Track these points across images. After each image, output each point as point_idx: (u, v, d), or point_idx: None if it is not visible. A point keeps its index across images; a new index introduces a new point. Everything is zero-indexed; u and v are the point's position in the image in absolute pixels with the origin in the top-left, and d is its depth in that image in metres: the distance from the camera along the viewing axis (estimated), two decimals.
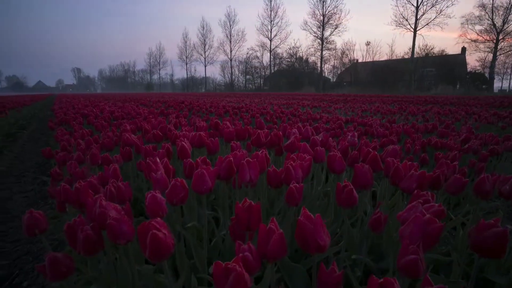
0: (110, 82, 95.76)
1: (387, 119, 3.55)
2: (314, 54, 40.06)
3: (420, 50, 32.08)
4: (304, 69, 41.35)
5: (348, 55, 38.57)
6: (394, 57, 36.57)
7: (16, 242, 1.78)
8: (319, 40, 38.27)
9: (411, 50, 31.64)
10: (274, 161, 1.40)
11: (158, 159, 0.90)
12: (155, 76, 76.25)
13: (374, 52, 38.60)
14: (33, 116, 8.14)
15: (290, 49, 42.31)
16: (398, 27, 31.51)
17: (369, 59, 38.76)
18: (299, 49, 43.07)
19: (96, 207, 0.62)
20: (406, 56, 33.30)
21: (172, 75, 76.60)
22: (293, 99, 11.62)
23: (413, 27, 30.62)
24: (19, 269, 1.42)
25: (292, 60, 42.00)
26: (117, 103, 5.51)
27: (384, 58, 38.30)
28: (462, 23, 34.36)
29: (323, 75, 40.78)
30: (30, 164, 3.53)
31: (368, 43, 38.53)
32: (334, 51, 39.45)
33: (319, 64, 39.50)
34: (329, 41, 38.40)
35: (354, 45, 39.39)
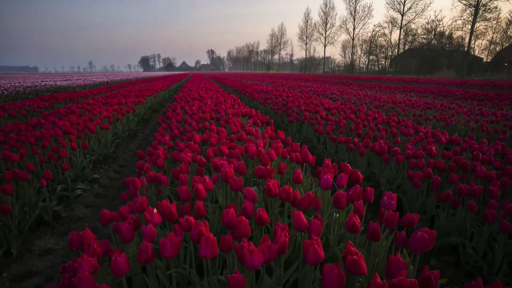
0: (236, 62, 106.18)
1: None
2: (462, 28, 31.95)
3: None
4: (444, 47, 33.87)
5: None
6: None
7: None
8: (471, 9, 30.04)
9: None
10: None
11: (155, 210, 1.05)
12: (276, 56, 79.45)
13: None
14: (168, 98, 10.07)
15: (428, 23, 35.36)
16: None
17: None
18: (441, 22, 35.27)
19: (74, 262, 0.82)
20: None
21: (291, 55, 77.99)
22: (415, 90, 9.96)
23: None
24: None
25: (429, 37, 35.08)
26: (223, 95, 6.15)
27: None
28: None
29: (472, 53, 32.31)
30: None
31: None
32: (495, 22, 30.16)
33: (467, 40, 31.45)
34: (488, 9, 29.47)
35: None
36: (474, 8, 29.67)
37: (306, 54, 58.68)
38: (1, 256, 1.77)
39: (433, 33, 34.65)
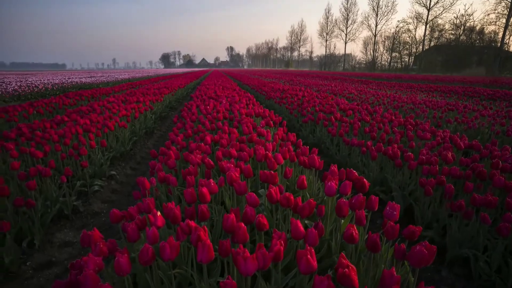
0: (255, 59, 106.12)
1: None
2: (495, 22, 29.94)
3: None
4: (474, 43, 32.06)
5: None
6: None
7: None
8: (507, 1, 27.93)
9: None
10: None
11: (159, 213, 1.09)
12: (295, 53, 78.63)
13: None
14: (186, 95, 10.25)
15: (456, 18, 33.64)
16: None
17: None
18: (471, 17, 33.30)
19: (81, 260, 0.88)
20: None
21: (311, 52, 76.89)
22: (438, 89, 9.57)
23: None
24: None
25: (458, 33, 33.36)
26: (239, 93, 6.20)
27: None
28: None
29: (505, 49, 30.28)
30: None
31: None
32: None
33: (500, 36, 29.48)
34: None
35: None
36: (510, 0, 27.71)
37: (326, 51, 57.69)
38: (26, 246, 1.90)
39: (462, 28, 32.93)
